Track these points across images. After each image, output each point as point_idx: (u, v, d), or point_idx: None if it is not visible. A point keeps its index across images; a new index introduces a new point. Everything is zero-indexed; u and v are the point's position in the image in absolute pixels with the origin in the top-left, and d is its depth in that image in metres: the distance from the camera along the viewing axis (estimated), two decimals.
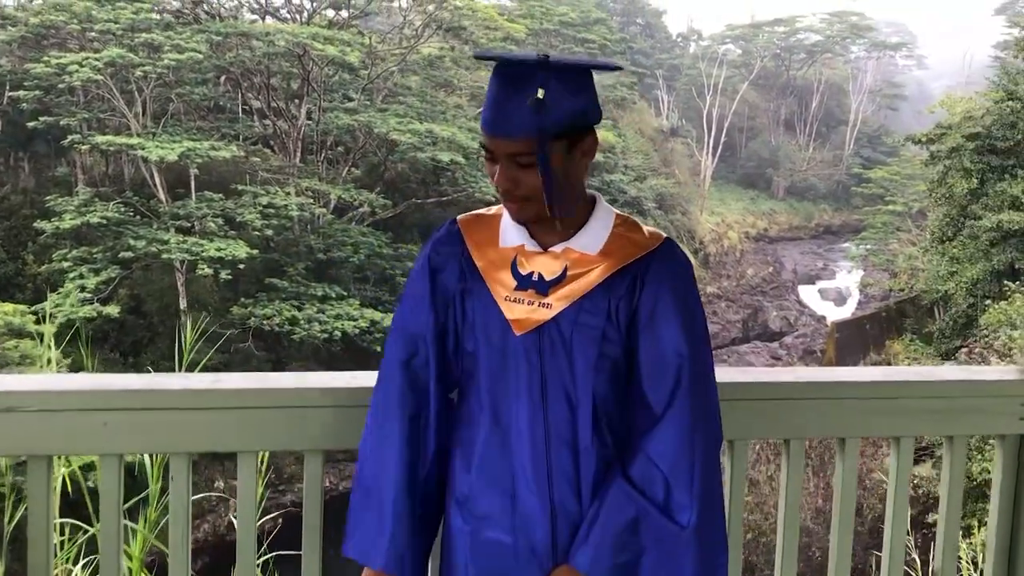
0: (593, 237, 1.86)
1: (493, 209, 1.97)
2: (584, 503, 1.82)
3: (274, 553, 3.22)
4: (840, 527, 2.33)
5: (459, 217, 1.97)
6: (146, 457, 2.79)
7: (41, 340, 15.07)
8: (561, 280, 1.84)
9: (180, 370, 3.32)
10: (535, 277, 1.85)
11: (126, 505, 2.13)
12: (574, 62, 1.78)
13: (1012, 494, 2.41)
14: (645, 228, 1.90)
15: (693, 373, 1.81)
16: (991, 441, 10.42)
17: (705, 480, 1.79)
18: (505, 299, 1.85)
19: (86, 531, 2.82)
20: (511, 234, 1.88)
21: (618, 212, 1.92)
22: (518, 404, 1.83)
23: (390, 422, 1.90)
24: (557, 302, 1.83)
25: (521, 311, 1.84)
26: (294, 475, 17.88)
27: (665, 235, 1.92)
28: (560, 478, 1.82)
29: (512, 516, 1.83)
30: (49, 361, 3.36)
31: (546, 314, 1.83)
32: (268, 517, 3.37)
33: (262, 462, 2.82)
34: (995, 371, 2.52)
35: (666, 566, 1.76)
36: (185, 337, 3.33)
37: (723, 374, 2.30)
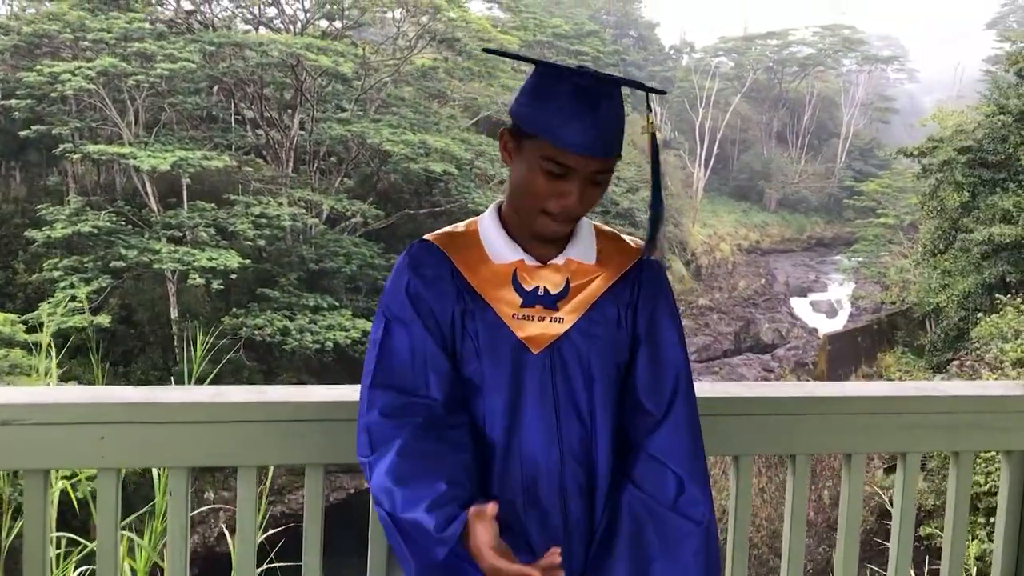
0: (586, 247, 1.85)
1: (461, 226, 1.90)
2: (597, 517, 1.81)
3: (267, 566, 3.19)
4: (846, 543, 2.31)
5: (429, 237, 1.88)
6: (154, 470, 2.75)
7: (31, 350, 14.99)
8: (566, 292, 1.82)
9: (190, 384, 3.30)
10: (541, 292, 1.81)
11: (132, 516, 2.10)
12: (649, 87, 1.83)
13: (1018, 510, 2.39)
14: (624, 236, 1.92)
15: (688, 380, 1.85)
16: (983, 455, 10.42)
17: (707, 478, 1.82)
18: (513, 317, 1.80)
19: (84, 545, 2.79)
20: (503, 249, 1.83)
21: (593, 222, 1.92)
22: (531, 423, 1.79)
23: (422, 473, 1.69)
24: (568, 315, 1.81)
25: (534, 328, 1.80)
26: (284, 486, 17.80)
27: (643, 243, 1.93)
28: (575, 496, 1.80)
29: (526, 536, 1.78)
30: (47, 372, 3.33)
31: (559, 328, 1.80)
32: (267, 534, 3.34)
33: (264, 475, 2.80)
34: (1001, 386, 2.50)
35: (682, 564, 1.76)
36: (195, 352, 3.31)
37: (727, 389, 2.29)
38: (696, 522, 1.76)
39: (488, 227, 1.86)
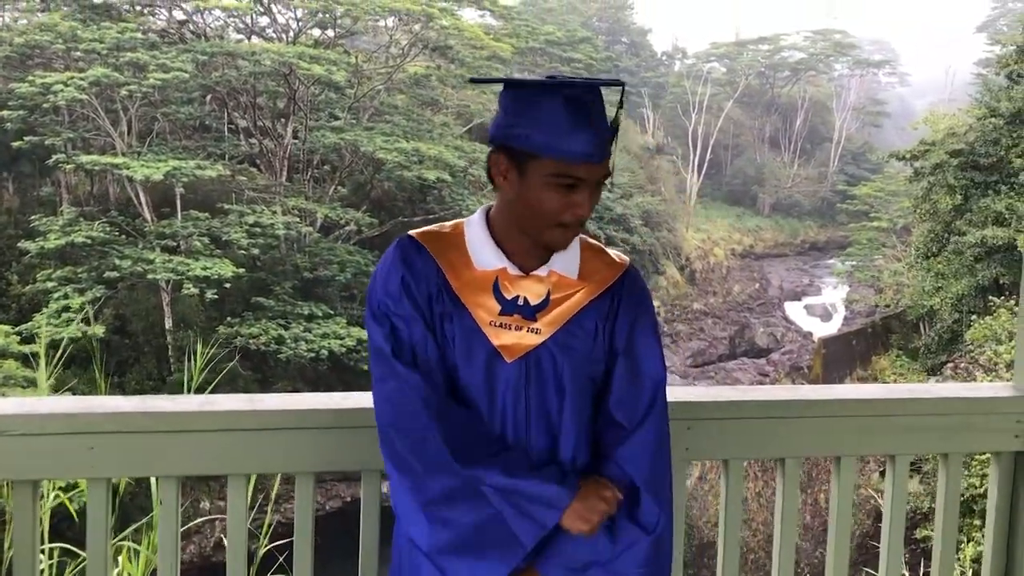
0: (569, 260, 1.85)
1: (448, 226, 1.89)
2: None
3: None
4: (836, 547, 2.31)
5: (415, 233, 1.87)
6: (152, 479, 2.75)
7: (26, 361, 14.94)
8: (546, 304, 1.82)
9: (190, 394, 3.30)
10: (520, 302, 1.81)
11: (130, 528, 2.09)
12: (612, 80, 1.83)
13: (1008, 511, 2.40)
14: (609, 250, 1.92)
15: (663, 394, 1.85)
16: (976, 457, 10.43)
17: (670, 492, 1.85)
18: (490, 324, 1.80)
19: (83, 558, 2.79)
20: (488, 256, 1.82)
21: (579, 235, 1.92)
22: (503, 431, 1.80)
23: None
24: (546, 327, 1.81)
25: (509, 337, 1.80)
26: (279, 495, 17.73)
27: (628, 258, 1.94)
28: None
29: None
30: (43, 382, 3.33)
31: (536, 339, 1.80)
32: (274, 544, 3.34)
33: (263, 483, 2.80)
34: (990, 388, 2.51)
35: (626, 570, 1.78)
36: (193, 362, 3.31)
37: (717, 393, 2.29)
38: (647, 532, 1.79)
39: (475, 232, 1.85)
